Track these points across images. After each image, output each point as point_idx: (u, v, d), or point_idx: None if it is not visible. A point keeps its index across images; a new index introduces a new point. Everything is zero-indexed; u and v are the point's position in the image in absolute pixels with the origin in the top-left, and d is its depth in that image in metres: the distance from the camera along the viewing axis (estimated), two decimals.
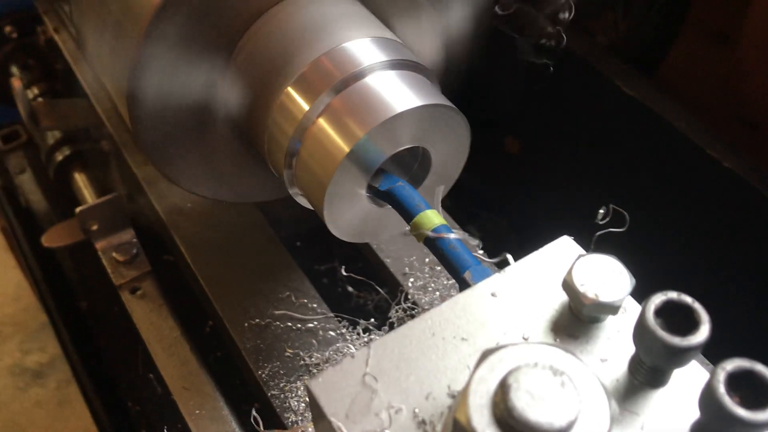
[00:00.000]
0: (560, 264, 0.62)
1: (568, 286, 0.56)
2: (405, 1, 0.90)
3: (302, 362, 1.00)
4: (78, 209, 1.13)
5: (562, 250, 0.64)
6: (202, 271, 1.09)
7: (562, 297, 0.59)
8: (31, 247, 1.64)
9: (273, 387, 0.98)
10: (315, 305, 1.06)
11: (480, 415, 0.45)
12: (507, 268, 0.63)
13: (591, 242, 0.67)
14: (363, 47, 0.79)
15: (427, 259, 1.09)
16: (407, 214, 0.77)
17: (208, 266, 1.10)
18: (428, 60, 0.92)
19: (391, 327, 0.93)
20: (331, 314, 1.04)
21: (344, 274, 1.06)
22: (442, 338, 0.57)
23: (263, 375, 0.99)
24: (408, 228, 0.77)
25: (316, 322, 1.03)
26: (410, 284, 1.06)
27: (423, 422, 0.52)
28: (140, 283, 1.15)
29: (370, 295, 1.17)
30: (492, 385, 0.46)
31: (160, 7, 0.77)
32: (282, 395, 0.97)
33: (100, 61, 0.91)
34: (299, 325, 1.04)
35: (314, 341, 1.01)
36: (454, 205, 1.24)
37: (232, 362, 1.11)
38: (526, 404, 0.44)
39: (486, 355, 0.47)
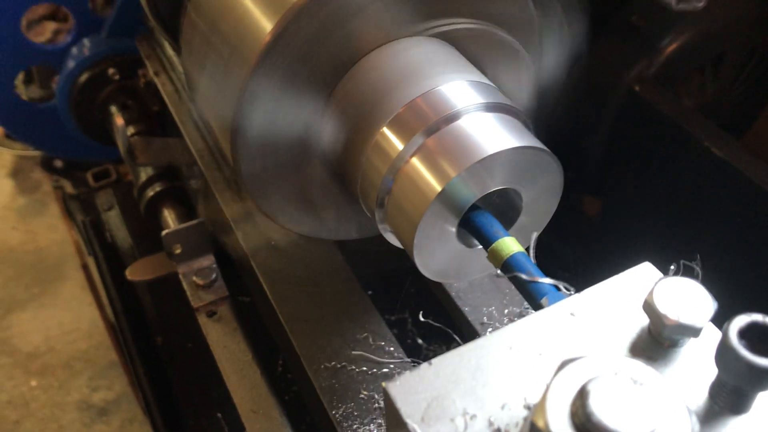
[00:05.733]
0: (640, 288, 0.62)
1: (649, 306, 0.55)
2: (502, 48, 0.92)
3: (376, 405, 1.00)
4: (164, 232, 1.17)
5: (643, 275, 0.64)
6: (281, 307, 1.10)
7: (642, 321, 0.58)
8: (113, 281, 1.70)
9: (346, 428, 0.97)
10: (392, 349, 1.06)
11: (558, 420, 0.44)
12: (586, 290, 0.63)
13: None
14: (458, 90, 0.81)
15: (506, 310, 1.08)
16: (486, 240, 0.78)
17: (287, 303, 1.11)
18: (521, 107, 0.94)
19: None
20: (408, 359, 1.04)
21: (422, 319, 1.06)
22: (519, 352, 0.57)
23: (337, 415, 0.99)
24: (498, 272, 0.77)
25: (392, 366, 1.03)
26: (488, 334, 1.05)
27: (498, 430, 0.52)
28: (217, 307, 1.18)
29: (440, 349, 1.16)
30: (571, 391, 0.46)
31: (269, 45, 0.81)
32: None
33: (207, 98, 0.95)
34: (375, 369, 1.04)
35: None
36: None
37: (300, 403, 1.12)
38: (605, 411, 0.43)
39: (566, 363, 0.47)
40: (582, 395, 0.45)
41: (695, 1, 1.02)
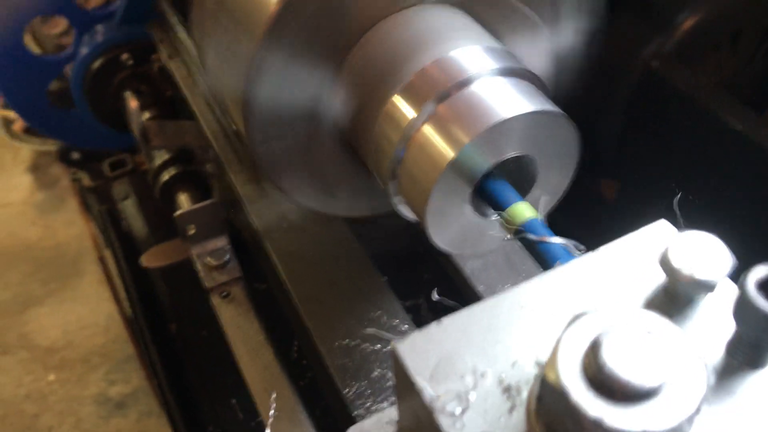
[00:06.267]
0: (656, 245, 0.60)
1: (665, 261, 0.53)
2: (516, 16, 0.90)
3: (389, 384, 0.99)
4: (178, 212, 1.17)
5: (659, 232, 0.61)
6: (295, 288, 1.10)
7: (658, 278, 0.57)
8: (129, 270, 1.70)
9: (359, 406, 0.97)
10: (406, 327, 1.05)
11: (570, 372, 0.43)
12: (601, 248, 0.61)
13: None
14: (471, 55, 0.80)
15: None
16: (499, 206, 0.76)
17: (301, 283, 1.11)
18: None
19: None
20: None
21: (436, 297, 1.05)
22: (531, 310, 0.56)
23: (349, 394, 0.98)
24: (508, 236, 0.76)
25: None
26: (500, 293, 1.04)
27: (508, 387, 0.51)
28: (230, 288, 1.18)
29: None
30: (583, 344, 0.44)
31: (277, 15, 0.80)
32: (367, 415, 0.96)
33: (217, 74, 0.95)
34: (388, 347, 1.03)
35: None
36: None
37: (315, 389, 1.11)
38: (618, 362, 0.42)
39: (578, 317, 0.46)
40: (594, 347, 0.43)
41: None
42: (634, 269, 0.59)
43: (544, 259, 0.72)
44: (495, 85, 0.77)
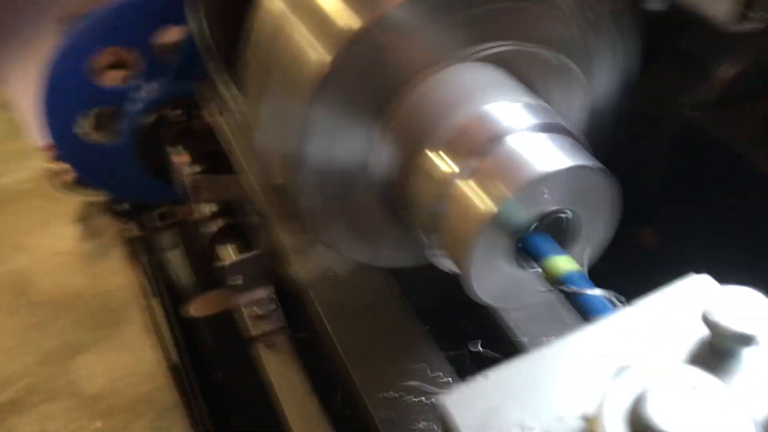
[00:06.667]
0: (697, 297, 0.60)
1: (707, 316, 0.54)
2: (553, 69, 0.92)
3: None
4: (225, 263, 1.20)
5: (700, 285, 0.62)
6: (339, 338, 1.11)
7: (701, 330, 0.56)
8: (176, 319, 1.74)
9: None
10: (449, 379, 1.05)
11: (615, 428, 0.44)
12: (642, 300, 0.62)
13: None
14: (510, 111, 0.82)
15: None
16: (540, 259, 0.76)
17: (345, 333, 1.12)
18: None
19: None
20: None
21: (480, 350, 1.05)
22: (575, 364, 0.57)
23: None
24: (548, 288, 0.77)
25: None
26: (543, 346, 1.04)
27: None
28: (275, 337, 1.19)
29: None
30: (628, 399, 0.45)
31: (324, 77, 0.83)
32: None
33: (266, 134, 0.98)
34: (432, 400, 1.03)
35: None
36: None
37: None
38: (665, 419, 0.42)
39: (622, 371, 0.46)
40: (639, 403, 0.44)
41: (756, 21, 0.99)
42: (675, 322, 0.59)
43: (584, 311, 0.72)
44: (534, 140, 0.79)
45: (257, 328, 1.20)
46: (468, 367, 1.18)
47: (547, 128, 0.80)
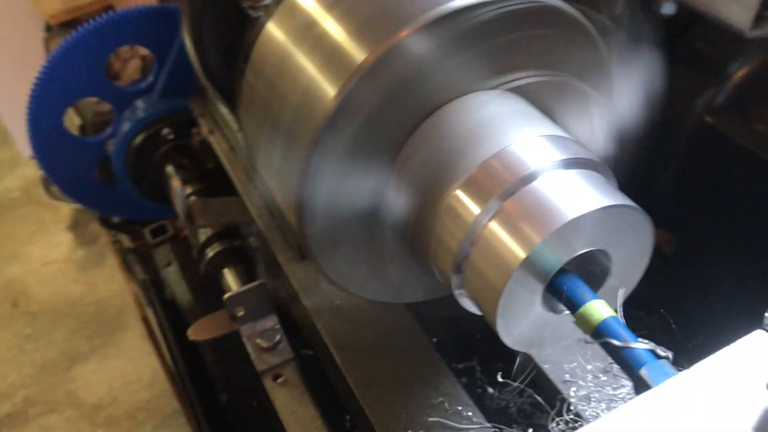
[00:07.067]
0: (756, 359, 0.57)
1: None
2: (575, 96, 0.87)
3: None
4: (226, 295, 1.15)
5: (757, 344, 0.59)
6: (351, 372, 1.06)
7: (762, 397, 0.54)
8: (175, 337, 1.69)
9: None
10: (470, 413, 1.00)
11: None
12: (695, 366, 0.58)
13: None
14: (534, 146, 0.77)
15: (589, 366, 1.01)
16: (573, 305, 0.73)
17: (356, 367, 1.07)
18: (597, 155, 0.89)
19: None
20: (488, 424, 0.98)
21: (500, 380, 1.01)
22: None
23: None
24: (587, 338, 0.72)
25: None
26: (572, 393, 0.99)
27: None
28: (282, 370, 1.14)
29: (512, 397, 1.10)
30: None
31: (330, 118, 0.77)
32: None
33: (269, 166, 0.93)
34: None
35: None
36: None
37: None
38: None
39: None
40: None
41: None
42: (735, 388, 0.56)
43: (626, 362, 0.68)
44: (562, 179, 0.74)
45: (263, 362, 1.15)
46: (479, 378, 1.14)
47: (574, 164, 0.75)
